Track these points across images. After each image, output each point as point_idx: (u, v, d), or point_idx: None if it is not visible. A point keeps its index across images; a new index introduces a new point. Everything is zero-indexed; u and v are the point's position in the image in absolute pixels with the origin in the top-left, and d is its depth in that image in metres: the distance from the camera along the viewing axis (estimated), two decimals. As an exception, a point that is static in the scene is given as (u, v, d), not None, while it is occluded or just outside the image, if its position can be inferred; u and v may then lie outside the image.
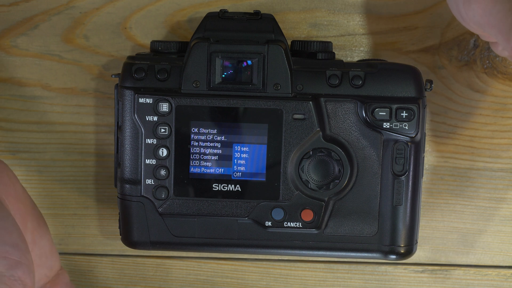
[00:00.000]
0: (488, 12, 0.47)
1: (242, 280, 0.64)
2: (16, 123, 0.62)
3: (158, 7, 0.61)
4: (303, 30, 0.61)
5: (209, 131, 0.55)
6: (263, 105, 0.54)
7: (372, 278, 0.64)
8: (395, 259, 0.56)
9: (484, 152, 0.62)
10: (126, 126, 0.55)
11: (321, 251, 0.56)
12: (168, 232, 0.56)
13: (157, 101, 0.54)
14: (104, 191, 0.63)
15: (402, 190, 0.55)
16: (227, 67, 0.54)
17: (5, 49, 0.61)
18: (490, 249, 0.64)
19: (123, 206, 0.56)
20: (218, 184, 0.55)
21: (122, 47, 0.61)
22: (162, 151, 0.55)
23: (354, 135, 0.55)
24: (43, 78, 0.62)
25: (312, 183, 0.55)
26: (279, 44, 0.54)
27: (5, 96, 0.62)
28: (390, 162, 0.55)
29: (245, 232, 0.56)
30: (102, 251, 0.64)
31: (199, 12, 0.61)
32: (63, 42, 0.61)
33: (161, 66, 0.54)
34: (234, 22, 0.55)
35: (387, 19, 0.60)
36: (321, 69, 0.54)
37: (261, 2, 0.60)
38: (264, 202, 0.55)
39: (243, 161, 0.55)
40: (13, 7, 0.61)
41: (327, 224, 0.56)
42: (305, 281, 0.64)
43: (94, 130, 0.62)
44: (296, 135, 0.55)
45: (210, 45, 0.54)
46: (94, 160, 0.63)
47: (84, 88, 0.62)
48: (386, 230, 0.55)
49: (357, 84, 0.54)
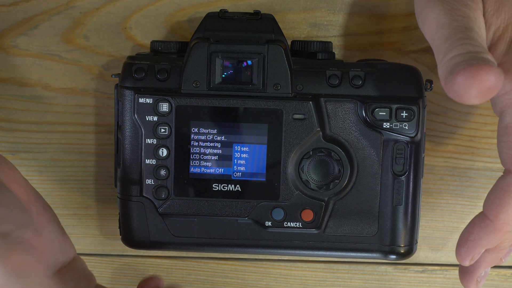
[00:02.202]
0: (433, 37, 0.48)
1: (242, 280, 0.64)
2: (16, 123, 0.62)
3: (158, 7, 0.61)
4: (303, 30, 0.61)
5: (209, 131, 0.55)
6: (263, 105, 0.54)
7: (372, 278, 0.64)
8: (395, 259, 0.56)
9: (484, 152, 0.62)
10: (126, 126, 0.55)
11: (321, 251, 0.56)
12: (168, 232, 0.56)
13: (157, 101, 0.54)
14: (104, 191, 0.63)
15: (402, 190, 0.55)
16: (227, 67, 0.54)
17: (5, 49, 0.61)
18: (490, 249, 0.64)
19: (123, 206, 0.56)
20: (218, 184, 0.55)
21: (122, 47, 0.61)
22: (162, 151, 0.55)
23: (354, 135, 0.55)
24: (43, 78, 0.62)
25: (312, 183, 0.55)
26: (279, 44, 0.54)
27: (5, 96, 0.62)
28: (390, 162, 0.55)
29: (245, 232, 0.56)
30: (102, 251, 0.64)
31: (199, 12, 0.61)
32: (63, 42, 0.61)
33: (161, 66, 0.54)
34: (234, 22, 0.55)
35: (387, 19, 0.60)
36: (321, 69, 0.54)
37: (261, 2, 0.60)
38: (264, 202, 0.55)
39: (243, 161, 0.55)
40: (13, 7, 0.61)
41: (327, 224, 0.56)
42: (305, 281, 0.64)
43: (94, 130, 0.62)
44: (296, 135, 0.55)
45: (210, 45, 0.54)
46: (94, 160, 0.63)
47: (84, 88, 0.62)
48: (386, 230, 0.55)
49: (357, 84, 0.54)
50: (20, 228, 0.47)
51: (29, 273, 0.46)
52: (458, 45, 0.45)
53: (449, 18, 0.47)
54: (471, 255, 0.52)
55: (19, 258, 0.46)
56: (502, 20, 0.49)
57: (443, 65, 0.44)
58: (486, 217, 0.51)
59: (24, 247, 0.47)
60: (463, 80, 0.41)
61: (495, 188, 0.51)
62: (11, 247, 0.46)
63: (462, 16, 0.47)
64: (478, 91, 0.41)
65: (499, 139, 0.50)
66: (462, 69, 0.42)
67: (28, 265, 0.46)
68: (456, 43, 0.45)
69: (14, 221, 0.47)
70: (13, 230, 0.47)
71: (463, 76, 0.42)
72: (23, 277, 0.46)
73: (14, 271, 0.45)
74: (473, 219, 0.52)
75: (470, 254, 0.52)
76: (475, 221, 0.52)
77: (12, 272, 0.45)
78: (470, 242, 0.52)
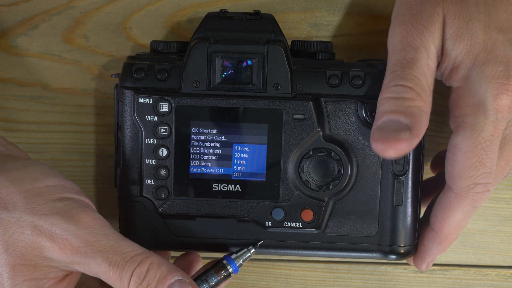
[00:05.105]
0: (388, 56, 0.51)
1: (242, 280, 0.64)
2: (16, 123, 0.62)
3: (158, 7, 0.61)
4: (303, 30, 0.61)
5: (209, 131, 0.55)
6: (263, 105, 0.54)
7: (372, 278, 0.64)
8: (395, 259, 0.56)
9: (484, 152, 0.62)
10: (126, 126, 0.55)
11: (321, 251, 0.56)
12: (168, 232, 0.56)
13: (157, 101, 0.54)
14: (104, 191, 0.63)
15: (402, 190, 0.55)
16: (227, 67, 0.54)
17: (5, 49, 0.61)
18: (490, 249, 0.64)
19: (123, 206, 0.56)
20: (218, 184, 0.55)
21: (122, 47, 0.61)
22: (162, 151, 0.55)
23: (354, 135, 0.55)
24: (43, 78, 0.62)
25: (312, 183, 0.55)
26: (279, 44, 0.54)
27: (5, 96, 0.62)
28: (390, 162, 0.55)
29: (245, 232, 0.56)
30: (102, 251, 0.64)
31: (199, 12, 0.61)
32: (63, 42, 0.61)
33: (161, 66, 0.54)
34: (234, 22, 0.55)
35: (387, 19, 0.60)
36: (321, 69, 0.54)
37: (261, 2, 0.60)
38: (264, 202, 0.55)
39: (243, 161, 0.55)
40: (13, 7, 0.61)
41: (327, 224, 0.56)
42: (305, 281, 0.65)
43: (94, 130, 0.62)
44: (296, 135, 0.55)
45: (210, 45, 0.54)
46: (94, 160, 0.63)
47: (84, 88, 0.62)
48: (386, 230, 0.55)
49: (357, 84, 0.54)
50: (79, 194, 0.52)
51: (103, 228, 0.50)
52: (392, 86, 0.50)
53: (400, 46, 0.50)
54: (425, 263, 0.57)
55: (90, 216, 0.50)
56: (464, 46, 0.50)
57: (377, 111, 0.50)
58: (432, 229, 0.55)
59: (90, 207, 0.51)
60: (381, 146, 0.48)
61: (438, 202, 0.54)
62: (81, 208, 0.50)
63: (412, 48, 0.50)
64: (395, 153, 0.48)
65: (447, 155, 0.52)
66: (379, 139, 0.48)
67: (99, 221, 0.50)
68: (393, 82, 0.50)
69: (72, 189, 0.52)
70: (74, 196, 0.51)
71: (381, 143, 0.48)
72: (100, 231, 0.50)
73: (91, 227, 0.49)
74: (422, 231, 0.56)
75: (424, 262, 0.57)
76: (423, 232, 0.55)
77: (89, 228, 0.49)
78: (421, 252, 0.56)
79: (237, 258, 0.54)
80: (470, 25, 0.50)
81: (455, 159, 0.52)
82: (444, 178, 0.53)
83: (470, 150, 0.51)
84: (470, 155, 0.51)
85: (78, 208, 0.50)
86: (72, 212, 0.49)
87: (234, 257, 0.54)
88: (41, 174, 0.51)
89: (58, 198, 0.50)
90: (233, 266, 0.54)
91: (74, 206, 0.50)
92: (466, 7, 0.50)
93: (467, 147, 0.51)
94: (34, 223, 0.49)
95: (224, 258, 0.54)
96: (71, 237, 0.49)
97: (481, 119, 0.51)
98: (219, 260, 0.54)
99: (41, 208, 0.49)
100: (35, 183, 0.50)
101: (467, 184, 0.51)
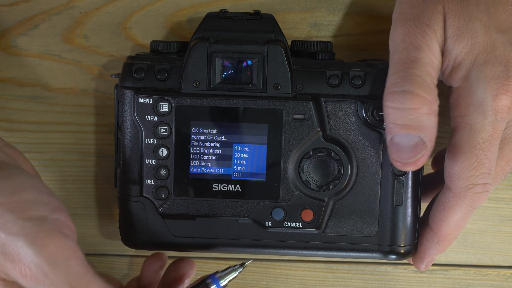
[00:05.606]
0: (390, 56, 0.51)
1: (242, 280, 0.64)
2: (16, 123, 0.62)
3: (158, 7, 0.61)
4: (303, 30, 0.61)
5: (209, 131, 0.55)
6: (263, 105, 0.54)
7: (372, 278, 0.64)
8: (395, 259, 0.56)
9: (484, 152, 0.62)
10: (126, 126, 0.55)
11: (321, 251, 0.56)
12: (168, 232, 0.56)
13: (157, 101, 0.54)
14: (104, 191, 0.63)
15: (402, 190, 0.55)
16: (227, 67, 0.54)
17: (5, 49, 0.61)
18: (490, 249, 0.64)
19: (123, 206, 0.56)
20: (218, 184, 0.55)
21: (122, 47, 0.61)
22: (162, 151, 0.55)
23: (354, 135, 0.55)
24: (43, 78, 0.62)
25: (312, 183, 0.55)
26: (279, 44, 0.54)
27: (5, 96, 0.62)
28: (390, 162, 0.55)
29: (245, 232, 0.56)
30: (102, 251, 0.64)
31: (199, 12, 0.61)
32: (63, 42, 0.61)
33: (161, 66, 0.54)
34: (234, 22, 0.55)
35: (387, 19, 0.60)
36: (321, 69, 0.54)
37: (261, 2, 0.60)
38: (264, 202, 0.55)
39: (243, 161, 0.55)
40: (13, 7, 0.61)
41: (327, 224, 0.56)
42: (305, 281, 0.65)
43: (94, 130, 0.62)
44: (296, 135, 0.55)
45: (210, 45, 0.54)
46: (94, 160, 0.63)
47: (84, 88, 0.62)
48: (386, 230, 0.55)
49: (357, 84, 0.54)
50: (55, 211, 0.48)
51: (68, 259, 0.46)
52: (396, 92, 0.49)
53: (402, 45, 0.50)
54: (424, 263, 0.57)
55: (57, 243, 0.46)
56: (464, 46, 0.50)
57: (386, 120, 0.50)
58: (431, 229, 0.55)
59: (62, 231, 0.47)
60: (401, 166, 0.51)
61: (437, 202, 0.54)
62: (49, 232, 0.46)
63: (415, 46, 0.50)
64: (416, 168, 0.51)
65: (446, 155, 0.53)
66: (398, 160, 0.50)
67: (66, 249, 0.46)
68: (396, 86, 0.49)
69: (48, 205, 0.48)
70: (48, 214, 0.47)
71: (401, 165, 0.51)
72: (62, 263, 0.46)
73: (53, 257, 0.46)
74: (421, 231, 0.56)
75: (423, 262, 0.57)
76: (423, 232, 0.56)
77: (51, 258, 0.45)
78: (420, 252, 0.56)
79: (222, 277, 0.54)
80: (470, 24, 0.50)
81: (454, 159, 0.52)
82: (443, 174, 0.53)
83: (469, 150, 0.51)
84: (468, 156, 0.51)
85: (46, 232, 0.46)
86: (38, 235, 0.46)
87: (218, 276, 0.53)
88: (20, 186, 0.48)
89: (28, 217, 0.47)
90: (218, 287, 0.53)
91: (43, 228, 0.46)
92: (467, 7, 0.50)
93: (465, 147, 0.51)
94: (2, 240, 0.46)
95: (209, 277, 0.53)
96: (31, 265, 0.45)
97: (480, 120, 0.51)
98: (203, 279, 0.54)
99: (10, 226, 0.46)
100: (10, 197, 0.47)
101: (466, 184, 0.51)
